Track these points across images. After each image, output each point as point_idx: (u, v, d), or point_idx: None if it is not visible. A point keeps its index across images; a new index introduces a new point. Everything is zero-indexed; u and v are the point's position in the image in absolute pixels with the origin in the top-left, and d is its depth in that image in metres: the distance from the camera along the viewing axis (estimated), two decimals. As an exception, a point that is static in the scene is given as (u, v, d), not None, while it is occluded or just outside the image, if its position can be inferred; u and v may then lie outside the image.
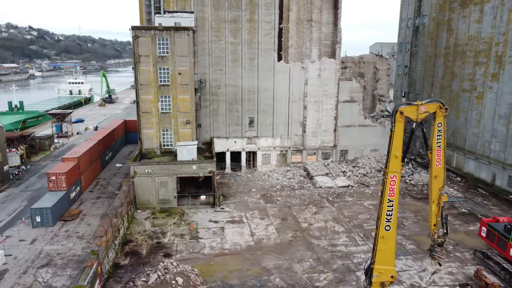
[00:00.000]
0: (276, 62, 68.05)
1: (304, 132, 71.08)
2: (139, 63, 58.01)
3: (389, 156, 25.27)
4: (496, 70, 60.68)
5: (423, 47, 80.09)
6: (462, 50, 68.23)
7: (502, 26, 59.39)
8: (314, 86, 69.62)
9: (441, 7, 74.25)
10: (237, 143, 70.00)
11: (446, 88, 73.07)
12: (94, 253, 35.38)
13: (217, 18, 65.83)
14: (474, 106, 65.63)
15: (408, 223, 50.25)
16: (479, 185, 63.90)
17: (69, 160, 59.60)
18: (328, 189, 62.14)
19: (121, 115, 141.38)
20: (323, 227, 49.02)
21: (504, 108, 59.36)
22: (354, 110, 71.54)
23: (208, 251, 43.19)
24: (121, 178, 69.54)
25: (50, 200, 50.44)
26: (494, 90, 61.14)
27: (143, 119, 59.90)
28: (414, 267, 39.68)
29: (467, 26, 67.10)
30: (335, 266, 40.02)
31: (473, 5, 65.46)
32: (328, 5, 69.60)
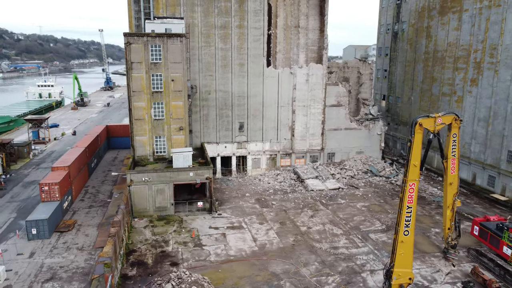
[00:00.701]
0: (265, 67, 69.04)
1: (293, 136, 72.46)
2: (131, 69, 57.50)
3: (408, 165, 26.74)
4: (475, 75, 64.19)
5: (403, 52, 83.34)
6: (442, 56, 71.63)
7: (480, 34, 62.90)
8: (302, 91, 71.12)
9: (420, 15, 77.58)
10: (228, 148, 70.49)
11: (426, 92, 76.44)
12: (108, 265, 35.15)
13: (207, 24, 66.06)
14: (454, 109, 69.04)
15: (401, 223, 52.40)
16: (460, 185, 67.22)
17: (60, 169, 58.28)
18: (320, 192, 63.77)
19: (97, 119, 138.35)
20: (321, 230, 50.44)
21: (483, 112, 62.90)
22: (340, 114, 73.60)
23: (214, 258, 43.61)
24: (110, 185, 68.50)
25: (46, 212, 49.27)
26: (473, 95, 64.66)
27: (135, 126, 59.37)
28: (416, 266, 41.64)
29: (446, 33, 70.50)
30: (340, 269, 41.44)
31: (452, 14, 68.88)
32: (314, 11, 71.26)
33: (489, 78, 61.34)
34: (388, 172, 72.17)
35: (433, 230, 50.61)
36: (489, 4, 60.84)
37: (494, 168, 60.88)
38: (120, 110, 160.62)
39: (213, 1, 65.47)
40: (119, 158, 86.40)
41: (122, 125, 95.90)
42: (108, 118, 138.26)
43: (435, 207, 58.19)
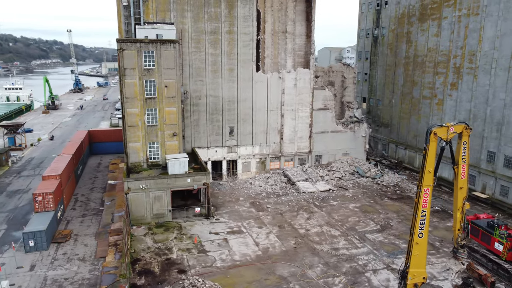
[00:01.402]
0: (255, 72, 69.97)
1: (282, 139, 73.79)
2: (124, 76, 57.01)
3: (423, 171, 28.48)
4: (455, 80, 67.69)
5: (383, 56, 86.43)
6: (422, 60, 74.96)
7: (459, 41, 66.40)
8: (290, 95, 72.56)
9: (400, 21, 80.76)
10: (218, 153, 70.95)
11: (407, 95, 79.70)
12: (124, 276, 35.10)
13: (197, 30, 66.27)
14: (435, 111, 72.51)
15: (394, 223, 54.79)
16: (441, 183, 70.81)
17: (51, 178, 57.09)
18: (312, 194, 65.40)
19: (72, 123, 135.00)
20: (320, 232, 51.97)
21: (463, 114, 66.44)
22: (327, 117, 75.58)
23: (220, 264, 44.18)
24: (100, 193, 67.54)
25: (42, 222, 48.27)
26: (454, 98, 68.16)
27: (129, 132, 58.88)
28: (414, 265, 43.81)
29: (426, 39, 73.85)
30: (344, 270, 43.03)
31: (431, 20, 72.23)
32: (301, 17, 72.86)
33: (469, 82, 64.89)
34: (373, 173, 74.80)
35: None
36: (468, 12, 64.35)
37: (475, 167, 64.47)
38: (94, 113, 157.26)
39: (203, 6, 65.75)
40: (103, 164, 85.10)
41: (104, 130, 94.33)
42: (84, 122, 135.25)
43: (423, 206, 60.95)
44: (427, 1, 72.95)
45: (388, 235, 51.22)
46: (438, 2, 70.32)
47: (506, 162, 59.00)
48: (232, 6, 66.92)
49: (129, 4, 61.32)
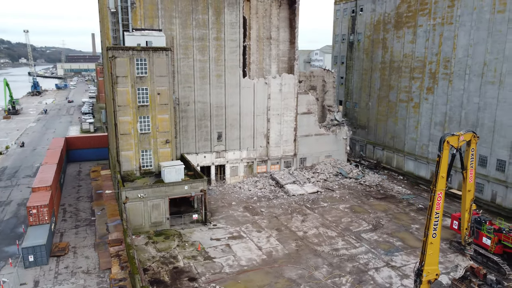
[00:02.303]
0: (242, 78, 71.04)
1: (268, 143, 75.34)
2: (116, 84, 56.40)
3: (437, 177, 30.94)
4: (430, 84, 72.02)
5: (359, 61, 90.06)
6: (398, 66, 79.02)
7: (434, 48, 70.73)
8: (276, 100, 74.25)
9: (375, 27, 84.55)
10: (207, 158, 71.43)
11: (383, 98, 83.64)
12: (146, 287, 35.24)
13: (185, 36, 66.41)
14: (411, 114, 76.72)
15: (384, 222, 57.80)
16: (419, 182, 75.15)
17: (41, 189, 55.76)
18: (301, 196, 67.42)
19: (38, 128, 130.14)
20: (317, 234, 53.98)
21: (439, 117, 70.87)
22: (311, 121, 77.95)
23: (229, 269, 45.05)
24: (87, 202, 66.37)
25: (40, 236, 47.22)
26: (430, 101, 72.50)
27: (121, 141, 58.25)
28: (411, 261, 46.74)
29: (401, 46, 77.93)
30: (348, 269, 45.20)
31: (407, 28, 76.34)
32: (285, 24, 74.73)
33: (444, 87, 69.32)
34: (355, 173, 78.01)
35: (413, 226, 56.53)
36: (442, 22, 68.72)
37: (451, 166, 68.89)
38: (59, 118, 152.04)
39: (191, 13, 66.00)
40: (84, 172, 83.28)
41: (82, 136, 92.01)
42: (51, 128, 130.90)
43: (407, 204, 64.65)
44: (402, 10, 77.01)
45: (382, 234, 54.06)
46: (413, 11, 74.47)
47: (480, 161, 63.66)
48: (219, 13, 67.61)
49: (117, 10, 60.51)
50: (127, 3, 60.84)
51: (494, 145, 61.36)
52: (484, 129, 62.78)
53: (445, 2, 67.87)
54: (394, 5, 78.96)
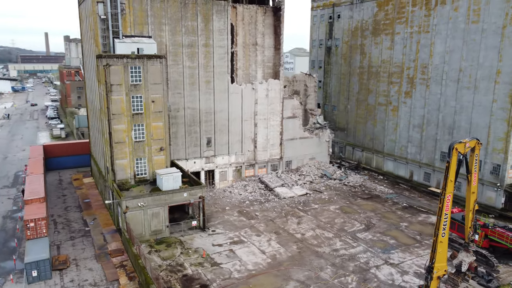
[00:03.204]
0: (230, 84, 71.99)
1: (255, 147, 76.75)
2: (111, 92, 55.84)
3: (446, 181, 33.63)
4: (408, 89, 76.16)
5: (337, 66, 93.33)
6: (376, 71, 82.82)
7: (412, 54, 74.88)
8: (263, 105, 75.79)
9: (353, 33, 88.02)
10: (197, 164, 71.82)
11: (362, 102, 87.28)
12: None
13: (175, 43, 66.50)
14: (390, 117, 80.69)
15: (375, 221, 60.81)
16: (399, 181, 79.29)
17: (35, 201, 54.50)
18: (292, 199, 69.40)
19: (3, 134, 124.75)
20: (315, 236, 56.06)
21: (417, 119, 75.12)
22: (295, 124, 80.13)
23: (238, 275, 46.09)
24: (77, 212, 65.08)
25: (43, 250, 46.26)
26: (408, 105, 76.65)
27: (116, 149, 57.66)
28: (408, 258, 49.79)
29: (379, 52, 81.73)
30: (351, 268, 47.52)
31: (384, 35, 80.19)
32: (269, 30, 76.42)
33: (422, 91, 73.59)
34: (339, 175, 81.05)
35: (402, 224, 59.90)
36: (419, 30, 72.92)
37: (429, 166, 73.42)
38: (24, 123, 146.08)
39: (180, 20, 66.17)
40: (65, 180, 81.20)
41: (60, 144, 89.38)
42: (18, 134, 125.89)
43: (392, 204, 68.19)
44: (380, 18, 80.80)
45: (375, 233, 56.96)
46: (391, 19, 78.39)
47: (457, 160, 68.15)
48: (208, 20, 68.21)
49: (107, 17, 59.70)
50: (117, 10, 60.15)
51: (470, 146, 65.94)
52: (461, 131, 67.37)
53: (422, 11, 72.09)
54: (371, 13, 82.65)
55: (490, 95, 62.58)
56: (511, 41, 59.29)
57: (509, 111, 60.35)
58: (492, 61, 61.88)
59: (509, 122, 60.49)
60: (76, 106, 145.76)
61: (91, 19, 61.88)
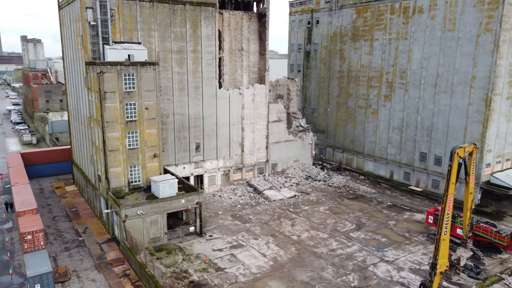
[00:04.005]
0: (218, 89, 72.68)
1: (243, 151, 77.84)
2: (104, 99, 55.24)
3: (449, 183, 36.30)
4: (388, 92, 79.79)
5: (316, 70, 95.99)
6: (356, 75, 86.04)
7: (390, 59, 78.51)
8: (249, 110, 76.98)
9: (332, 39, 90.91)
10: (186, 169, 72.01)
11: (342, 105, 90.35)
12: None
13: (164, 49, 66.44)
14: (370, 119, 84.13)
15: (364, 221, 63.54)
16: (379, 181, 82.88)
17: (28, 212, 53.08)
18: (281, 201, 71.06)
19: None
20: (310, 237, 57.96)
21: (397, 122, 78.88)
22: (280, 128, 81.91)
23: (244, 278, 47.10)
24: (66, 222, 63.76)
25: (44, 263, 45.38)
26: (387, 108, 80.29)
27: (110, 157, 57.06)
28: (401, 255, 52.64)
29: (359, 57, 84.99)
30: (350, 267, 49.73)
31: (364, 41, 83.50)
32: (254, 36, 77.76)
33: (401, 95, 77.36)
34: (322, 176, 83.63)
35: (390, 222, 62.97)
36: (397, 37, 76.62)
37: (409, 166, 77.34)
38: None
39: (169, 26, 66.18)
40: (47, 189, 79.04)
41: (38, 151, 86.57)
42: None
43: (377, 203, 71.33)
44: (359, 24, 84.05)
45: (367, 232, 59.62)
46: (370, 25, 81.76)
47: (436, 160, 72.45)
48: (196, 26, 68.58)
49: (97, 23, 58.86)
50: (107, 16, 59.41)
51: (447, 146, 70.18)
52: (439, 133, 71.54)
53: (400, 19, 75.81)
54: (350, 19, 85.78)
55: (466, 99, 66.94)
56: (485, 49, 63.76)
57: (484, 114, 64.86)
58: (468, 67, 66.24)
59: (484, 124, 65.00)
60: (45, 111, 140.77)
61: (79, 24, 60.78)
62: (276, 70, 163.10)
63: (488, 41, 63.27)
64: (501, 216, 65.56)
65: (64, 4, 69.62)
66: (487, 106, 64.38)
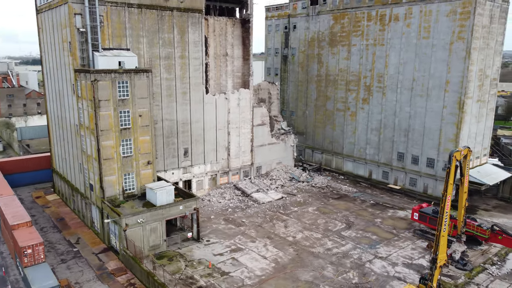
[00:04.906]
0: (205, 94, 73.28)
1: (229, 155, 78.89)
2: (99, 108, 54.63)
3: (447, 184, 39.49)
4: (366, 96, 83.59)
5: (294, 73, 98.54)
6: (334, 79, 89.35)
7: (368, 64, 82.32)
8: (235, 114, 78.15)
9: (310, 43, 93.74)
10: (175, 174, 72.08)
11: (320, 107, 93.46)
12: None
13: (152, 55, 66.22)
14: (349, 121, 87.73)
15: (352, 219, 66.59)
16: (359, 180, 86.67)
17: (22, 225, 51.71)
18: (270, 204, 72.86)
19: None
20: (305, 237, 60.15)
21: (375, 124, 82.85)
22: (264, 131, 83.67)
23: (250, 281, 48.43)
24: (56, 233, 62.38)
25: (48, 277, 44.78)
26: (366, 111, 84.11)
27: (104, 166, 56.45)
28: (392, 251, 55.93)
29: (336, 61, 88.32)
30: (348, 265, 52.35)
31: (341, 46, 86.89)
32: (238, 41, 78.99)
33: (378, 98, 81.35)
34: (305, 177, 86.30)
35: (376, 220, 66.43)
36: (374, 43, 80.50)
37: (387, 165, 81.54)
38: None
39: (157, 32, 66.04)
40: (27, 199, 76.53)
41: (13, 160, 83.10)
42: None
43: (361, 202, 74.78)
44: (336, 30, 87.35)
45: (357, 230, 62.64)
46: (347, 31, 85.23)
47: (413, 160, 76.96)
48: (184, 32, 68.85)
49: (86, 30, 57.87)
50: (96, 22, 58.57)
51: (424, 146, 74.90)
52: (415, 134, 76.04)
53: (377, 26, 79.71)
54: (328, 25, 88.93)
55: (440, 102, 71.69)
56: (458, 56, 68.62)
57: (458, 115, 69.80)
58: (442, 73, 70.97)
59: (458, 125, 69.97)
60: (7, 116, 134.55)
61: (67, 30, 59.50)
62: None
63: (461, 49, 68.17)
64: (474, 210, 70.83)
65: (45, 9, 67.58)
66: (460, 109, 69.36)
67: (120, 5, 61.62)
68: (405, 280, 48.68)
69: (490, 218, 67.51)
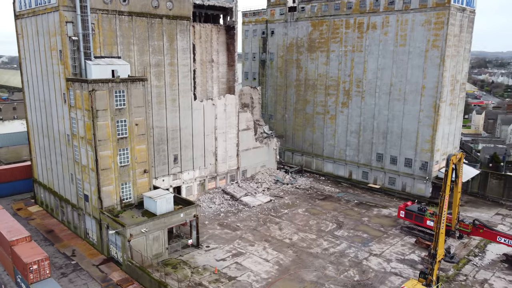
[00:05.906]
0: (193, 101, 73.79)
1: (216, 160, 79.81)
2: (97, 118, 54.06)
3: (445, 185, 43.09)
4: (345, 100, 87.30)
5: (273, 78, 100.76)
6: (313, 83, 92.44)
7: (347, 69, 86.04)
8: (221, 120, 79.18)
9: (288, 49, 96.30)
10: (165, 181, 72.08)
11: (300, 111, 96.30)
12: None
13: (143, 63, 65.96)
14: (328, 124, 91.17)
15: (341, 219, 69.74)
16: (339, 180, 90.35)
17: (21, 241, 50.34)
18: (261, 207, 74.62)
19: None
20: (301, 239, 62.47)
21: (354, 126, 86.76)
22: (249, 136, 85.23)
23: (258, 285, 49.98)
24: (48, 246, 60.99)
25: (58, 293, 43.75)
26: (345, 114, 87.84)
27: (102, 176, 55.87)
28: (385, 247, 59.43)
29: (315, 66, 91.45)
30: (347, 263, 55.20)
31: (320, 52, 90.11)
32: (223, 48, 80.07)
33: (357, 102, 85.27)
34: (288, 179, 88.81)
35: (364, 219, 69.99)
36: (353, 49, 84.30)
37: (367, 166, 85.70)
38: None
39: (147, 40, 65.85)
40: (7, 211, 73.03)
41: (-11, 170, 79.21)
42: None
43: (346, 202, 78.25)
44: (315, 36, 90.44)
45: (348, 229, 65.80)
46: (326, 38, 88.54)
47: (391, 160, 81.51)
48: (173, 39, 69.02)
49: (78, 38, 56.84)
50: (88, 30, 57.65)
51: (402, 147, 79.58)
52: (393, 136, 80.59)
53: (355, 33, 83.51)
54: (306, 32, 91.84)
55: (417, 105, 76.51)
56: (432, 62, 73.58)
57: (433, 118, 74.85)
58: (418, 78, 75.76)
59: (434, 127, 75.04)
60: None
61: (57, 39, 58.15)
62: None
63: (435, 56, 73.17)
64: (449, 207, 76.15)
65: (27, 14, 65.32)
66: (435, 112, 74.45)
67: (111, 13, 60.99)
68: (401, 275, 52.16)
69: (464, 212, 72.86)
